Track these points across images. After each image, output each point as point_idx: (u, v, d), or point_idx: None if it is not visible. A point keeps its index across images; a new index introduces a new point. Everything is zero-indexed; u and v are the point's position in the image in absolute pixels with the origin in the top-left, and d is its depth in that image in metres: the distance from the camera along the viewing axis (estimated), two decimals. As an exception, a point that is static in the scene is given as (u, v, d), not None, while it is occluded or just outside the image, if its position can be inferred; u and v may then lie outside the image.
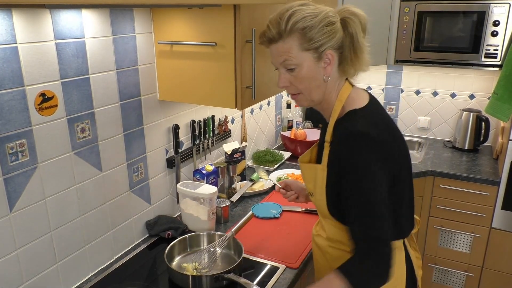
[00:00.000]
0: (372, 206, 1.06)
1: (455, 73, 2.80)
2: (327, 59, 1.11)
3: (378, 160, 1.06)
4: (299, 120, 2.90)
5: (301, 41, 1.09)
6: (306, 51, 1.10)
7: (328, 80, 1.14)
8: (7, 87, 1.11)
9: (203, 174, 1.78)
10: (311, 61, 1.11)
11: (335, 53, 1.12)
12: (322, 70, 1.13)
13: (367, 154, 1.06)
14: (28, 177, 1.21)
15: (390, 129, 1.16)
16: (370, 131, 1.07)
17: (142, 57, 1.55)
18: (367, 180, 1.06)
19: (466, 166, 2.45)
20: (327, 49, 1.10)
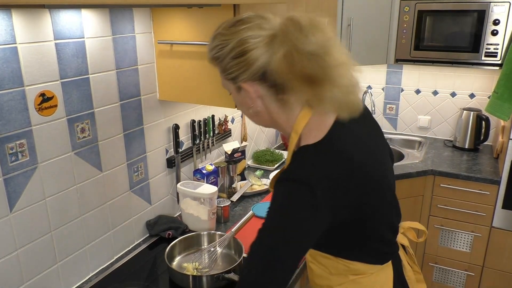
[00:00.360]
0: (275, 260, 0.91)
1: (455, 72, 2.80)
2: (246, 91, 0.96)
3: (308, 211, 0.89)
4: (299, 120, 2.90)
5: (221, 70, 0.99)
6: (226, 80, 0.99)
7: (257, 111, 0.99)
8: (6, 87, 1.11)
9: (203, 174, 1.78)
10: (234, 91, 1.00)
11: (258, 85, 0.94)
12: (248, 100, 0.98)
13: (295, 205, 0.89)
14: (28, 177, 1.20)
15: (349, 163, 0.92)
16: (305, 177, 0.89)
17: (142, 57, 1.55)
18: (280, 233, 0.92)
19: (466, 165, 2.45)
20: (241, 81, 0.94)
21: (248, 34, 0.92)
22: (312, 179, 0.88)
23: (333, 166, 0.92)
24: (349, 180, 0.92)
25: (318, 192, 0.88)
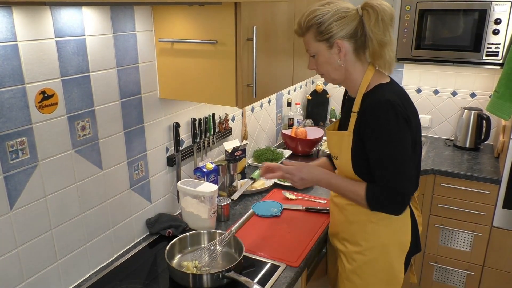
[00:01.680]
0: (399, 164, 1.30)
1: (456, 72, 2.80)
2: (338, 47, 1.33)
3: (404, 123, 1.28)
4: (299, 118, 2.90)
5: (315, 34, 1.35)
6: (319, 42, 1.35)
7: (343, 64, 1.36)
8: (7, 85, 1.11)
9: (204, 172, 1.78)
10: (325, 50, 1.36)
11: (347, 42, 1.33)
12: (336, 56, 1.36)
13: (394, 119, 1.27)
14: (28, 175, 1.20)
15: (409, 100, 1.39)
16: (395, 99, 1.28)
17: (143, 55, 1.55)
18: (395, 142, 1.29)
19: (467, 164, 2.45)
20: (336, 39, 1.33)
21: (344, 6, 1.33)
22: (398, 100, 1.29)
23: (404, 97, 1.37)
24: (412, 109, 1.37)
25: (404, 110, 1.29)
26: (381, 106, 1.28)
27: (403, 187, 1.32)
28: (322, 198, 1.99)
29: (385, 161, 1.31)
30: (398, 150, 1.30)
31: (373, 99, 1.32)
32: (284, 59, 1.82)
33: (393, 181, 1.31)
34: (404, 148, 1.30)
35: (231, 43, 1.43)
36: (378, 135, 1.30)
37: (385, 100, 1.28)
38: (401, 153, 1.30)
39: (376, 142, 1.31)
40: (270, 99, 2.69)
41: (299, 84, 3.11)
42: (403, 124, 1.28)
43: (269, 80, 1.69)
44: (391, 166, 1.31)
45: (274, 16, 1.66)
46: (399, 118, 1.27)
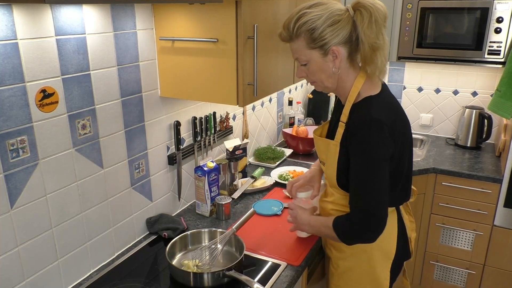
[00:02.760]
0: (373, 186, 1.24)
1: (458, 70, 2.79)
2: (334, 54, 1.25)
3: (386, 142, 1.23)
4: (300, 117, 2.90)
5: (307, 41, 1.24)
6: (312, 49, 1.25)
7: (338, 71, 1.28)
8: (7, 83, 1.11)
9: (205, 171, 1.78)
10: (319, 57, 1.26)
11: (342, 48, 1.24)
12: (331, 63, 1.27)
13: (377, 139, 1.22)
14: (29, 174, 1.20)
15: (397, 112, 1.32)
16: (381, 116, 1.23)
17: (143, 53, 1.54)
18: (376, 163, 1.24)
19: (468, 163, 2.44)
20: (332, 46, 1.23)
21: (336, 8, 1.23)
22: (386, 118, 1.23)
23: (393, 109, 1.31)
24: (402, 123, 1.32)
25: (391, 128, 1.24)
26: (367, 125, 1.22)
27: (372, 212, 1.25)
28: (323, 197, 1.99)
29: (358, 181, 1.26)
30: (373, 173, 1.24)
31: (361, 115, 1.25)
32: (285, 57, 1.81)
33: (362, 204, 1.26)
34: (380, 173, 1.24)
35: (232, 42, 1.43)
36: (358, 152, 1.25)
37: (372, 119, 1.22)
38: (376, 178, 1.24)
39: (355, 158, 1.26)
40: (271, 98, 2.68)
41: (300, 83, 3.10)
42: (385, 148, 1.23)
43: (270, 79, 1.69)
44: (363, 188, 1.25)
45: (275, 14, 1.65)
46: (383, 141, 1.22)
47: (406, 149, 1.34)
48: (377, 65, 1.24)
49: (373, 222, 1.25)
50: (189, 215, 1.85)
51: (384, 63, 1.26)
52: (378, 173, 1.24)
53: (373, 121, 1.22)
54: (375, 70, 1.25)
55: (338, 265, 1.49)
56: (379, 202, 1.25)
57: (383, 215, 1.25)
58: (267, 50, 1.63)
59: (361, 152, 1.24)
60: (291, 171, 2.26)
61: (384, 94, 1.32)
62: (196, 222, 1.79)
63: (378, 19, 1.20)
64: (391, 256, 1.42)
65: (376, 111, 1.24)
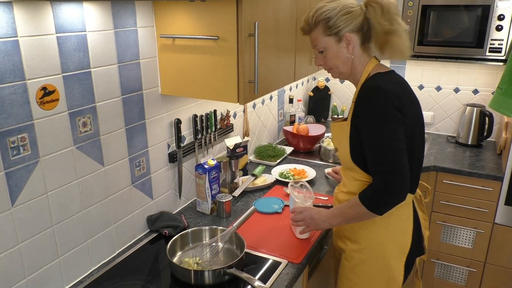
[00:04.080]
0: (389, 142, 1.28)
1: (459, 68, 2.78)
2: (347, 40, 1.37)
3: (393, 110, 1.27)
4: (301, 115, 2.89)
5: (324, 29, 1.38)
6: (328, 36, 1.39)
7: (351, 57, 1.40)
8: (8, 81, 1.11)
9: (205, 169, 1.78)
10: (334, 44, 1.39)
11: (355, 35, 1.37)
12: (345, 49, 1.39)
13: (383, 104, 1.28)
14: (29, 172, 1.20)
15: (406, 90, 1.38)
16: (387, 86, 1.30)
17: (144, 51, 1.54)
18: (382, 127, 1.28)
19: (469, 161, 2.44)
20: (345, 33, 1.36)
21: (349, 2, 1.38)
22: (390, 87, 1.30)
23: (401, 86, 1.37)
24: (411, 99, 1.38)
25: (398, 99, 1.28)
26: (371, 91, 1.31)
27: (395, 172, 1.28)
28: (324, 195, 1.99)
29: (374, 146, 1.31)
30: (385, 135, 1.28)
31: (367, 86, 1.35)
32: (286, 55, 1.81)
33: (383, 168, 1.29)
34: (391, 134, 1.28)
35: (233, 39, 1.43)
36: (367, 119, 1.31)
37: (375, 85, 1.31)
38: (388, 138, 1.28)
39: (365, 126, 1.32)
40: (271, 96, 2.68)
41: (301, 81, 3.10)
42: (392, 111, 1.28)
43: (270, 77, 1.68)
44: (379, 150, 1.29)
45: (276, 12, 1.65)
46: (387, 104, 1.27)
47: (417, 131, 1.39)
48: (396, 48, 1.34)
49: (397, 181, 1.28)
50: (190, 213, 1.85)
51: (403, 44, 1.34)
52: (391, 135, 1.28)
53: (378, 87, 1.30)
54: (395, 52, 1.36)
55: (352, 257, 1.49)
56: (397, 161, 1.28)
57: (405, 172, 1.28)
58: (268, 48, 1.63)
59: (369, 118, 1.30)
60: (292, 169, 2.26)
61: (393, 73, 1.41)
62: (196, 220, 1.79)
63: (390, 9, 1.32)
64: (406, 250, 1.44)
65: (382, 82, 1.32)
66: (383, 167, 1.29)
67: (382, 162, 1.29)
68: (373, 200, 1.32)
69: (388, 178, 1.28)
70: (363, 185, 1.40)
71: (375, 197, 1.32)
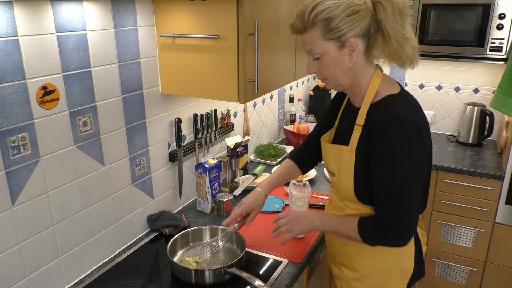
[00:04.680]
0: (408, 191, 1.13)
1: (460, 67, 2.78)
2: (351, 47, 1.14)
3: (419, 145, 1.12)
4: (301, 114, 2.89)
5: (323, 31, 1.14)
6: (328, 40, 1.14)
7: (353, 67, 1.18)
8: (8, 80, 1.11)
9: (206, 168, 1.78)
10: (335, 50, 1.15)
11: (360, 40, 1.14)
12: (347, 57, 1.16)
13: (408, 142, 1.10)
14: (30, 171, 1.20)
15: (421, 112, 1.20)
16: (410, 117, 1.11)
17: (144, 50, 1.54)
18: (405, 171, 1.12)
19: (470, 160, 2.44)
20: (349, 38, 1.13)
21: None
22: (413, 117, 1.12)
23: (419, 109, 1.19)
24: (426, 124, 1.19)
25: (418, 128, 1.12)
26: (395, 125, 1.10)
27: (404, 221, 1.15)
28: (324, 194, 1.99)
29: (390, 189, 1.13)
30: (407, 180, 1.12)
31: (386, 115, 1.13)
32: (287, 54, 1.81)
33: (394, 213, 1.14)
34: (414, 179, 1.13)
35: (233, 38, 1.42)
36: (387, 157, 1.12)
37: (399, 118, 1.10)
38: (410, 184, 1.12)
39: (383, 165, 1.13)
40: (272, 95, 2.68)
41: (301, 80, 3.09)
42: (418, 148, 1.12)
43: (271, 76, 1.68)
44: (395, 196, 1.13)
45: (277, 11, 1.64)
46: (413, 142, 1.10)
47: (429, 153, 1.23)
48: (408, 57, 1.15)
49: (405, 232, 1.16)
50: (190, 212, 1.85)
51: (413, 53, 1.15)
52: (412, 179, 1.12)
53: (401, 120, 1.10)
54: (405, 62, 1.16)
55: (351, 286, 1.36)
56: (413, 211, 1.15)
57: (415, 224, 1.16)
58: (268, 47, 1.63)
59: (389, 157, 1.12)
60: (292, 168, 2.25)
61: (406, 93, 1.22)
62: (197, 219, 1.79)
63: (402, 8, 1.11)
64: (408, 275, 1.31)
65: (402, 109, 1.12)
66: (395, 217, 1.14)
67: (396, 211, 1.14)
68: (373, 239, 1.21)
69: (397, 228, 1.16)
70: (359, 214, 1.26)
71: (376, 237, 1.20)
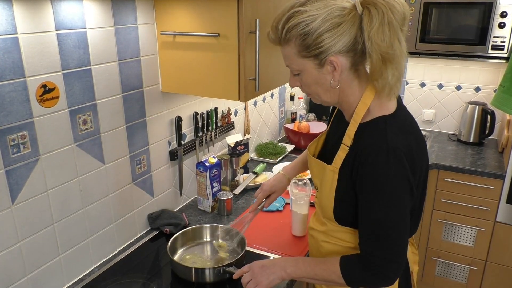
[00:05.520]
0: (393, 229, 1.02)
1: (461, 65, 2.77)
2: (332, 65, 1.00)
3: (406, 175, 1.00)
4: (302, 113, 2.89)
5: (299, 48, 1.01)
6: (305, 58, 1.02)
7: (337, 85, 1.04)
8: (8, 78, 1.10)
9: (206, 167, 1.77)
10: (313, 68, 1.03)
11: (343, 57, 0.99)
12: (328, 75, 1.03)
13: (396, 172, 0.99)
14: (30, 169, 1.20)
15: (417, 137, 1.08)
16: (401, 145, 0.99)
17: (144, 48, 1.53)
18: (394, 199, 1.01)
19: (471, 159, 2.43)
20: (328, 56, 0.99)
21: (337, 5, 0.97)
22: (405, 146, 1.00)
23: (411, 135, 1.05)
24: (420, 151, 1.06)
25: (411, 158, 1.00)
26: (384, 155, 0.98)
27: (393, 259, 1.04)
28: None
29: (377, 223, 1.03)
30: (394, 213, 1.01)
31: (373, 142, 1.01)
32: (287, 52, 1.80)
33: (381, 251, 1.03)
34: (402, 212, 1.02)
35: (234, 36, 1.42)
36: (373, 189, 1.01)
37: (388, 148, 0.98)
38: (397, 218, 1.02)
39: (366, 195, 1.03)
40: (272, 93, 2.67)
41: (302, 78, 3.08)
42: (405, 182, 1.00)
43: (272, 74, 1.67)
44: (381, 231, 1.02)
45: (277, 8, 1.63)
46: (404, 170, 0.99)
47: (422, 178, 1.11)
48: (387, 81, 0.98)
49: (392, 269, 1.05)
50: (191, 211, 1.85)
51: (397, 78, 0.98)
52: (399, 213, 1.02)
53: (390, 150, 0.98)
54: (385, 86, 0.99)
55: None
56: (400, 246, 1.04)
57: (403, 260, 1.05)
58: (269, 45, 1.61)
59: (376, 189, 1.01)
60: (293, 167, 2.25)
61: (401, 113, 1.08)
62: (197, 218, 1.79)
63: (392, 20, 0.93)
64: None
65: (393, 137, 1.00)
66: (381, 252, 1.03)
67: (382, 246, 1.03)
68: (358, 282, 1.09)
69: (385, 266, 1.04)
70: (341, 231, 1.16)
71: (363, 280, 1.08)
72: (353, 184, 1.06)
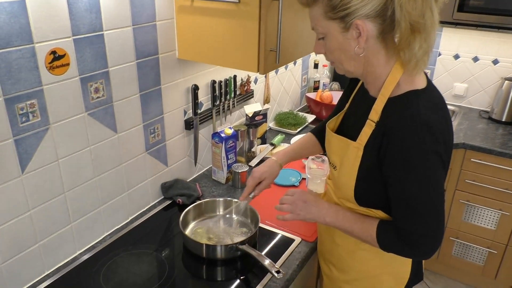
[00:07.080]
0: (430, 205, 0.99)
1: (500, 38, 2.57)
2: (357, 30, 0.95)
3: (440, 153, 0.96)
4: (326, 81, 2.77)
5: (325, 9, 0.97)
6: (330, 20, 0.97)
7: (362, 53, 0.98)
8: (15, 45, 1.05)
9: (222, 138, 1.72)
10: (338, 32, 0.98)
11: (371, 22, 0.94)
12: (353, 41, 0.97)
13: (431, 149, 0.94)
14: (39, 139, 1.17)
15: (448, 116, 1.03)
16: (434, 120, 0.95)
17: (161, 12, 1.45)
18: (427, 179, 0.97)
19: (501, 140, 2.30)
20: (355, 19, 0.94)
21: None
22: (438, 121, 0.95)
23: (444, 112, 1.01)
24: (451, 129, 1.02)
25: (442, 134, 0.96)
26: (416, 129, 0.94)
27: (432, 234, 1.00)
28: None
29: (412, 199, 0.99)
30: (429, 188, 0.97)
31: (405, 115, 0.96)
32: (313, 20, 1.68)
33: (417, 225, 1.00)
34: (436, 186, 0.98)
35: (255, 3, 1.31)
36: (404, 165, 0.97)
37: (422, 122, 0.94)
38: (433, 192, 0.98)
39: (400, 173, 0.98)
40: (295, 60, 2.56)
41: (328, 44, 2.94)
42: (440, 159, 0.96)
43: (294, 44, 1.57)
44: (418, 207, 0.99)
45: (304, -28, 1.51)
46: (436, 145, 0.95)
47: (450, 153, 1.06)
48: (413, 52, 0.94)
49: (430, 244, 1.01)
50: (205, 181, 1.82)
51: (424, 50, 0.94)
52: (434, 188, 0.98)
53: (424, 125, 0.94)
54: (411, 58, 0.95)
55: (339, 287, 1.29)
56: (438, 222, 1.00)
57: (441, 233, 1.02)
58: (293, 13, 1.51)
59: (409, 165, 0.97)
60: (312, 140, 2.18)
61: (432, 89, 1.04)
62: (211, 189, 1.76)
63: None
64: (404, 282, 1.20)
65: (426, 111, 0.95)
66: (418, 229, 1.00)
67: (419, 221, 1.00)
68: (394, 251, 1.08)
69: (420, 241, 1.01)
70: None
71: (397, 249, 1.07)
72: (379, 162, 1.02)
